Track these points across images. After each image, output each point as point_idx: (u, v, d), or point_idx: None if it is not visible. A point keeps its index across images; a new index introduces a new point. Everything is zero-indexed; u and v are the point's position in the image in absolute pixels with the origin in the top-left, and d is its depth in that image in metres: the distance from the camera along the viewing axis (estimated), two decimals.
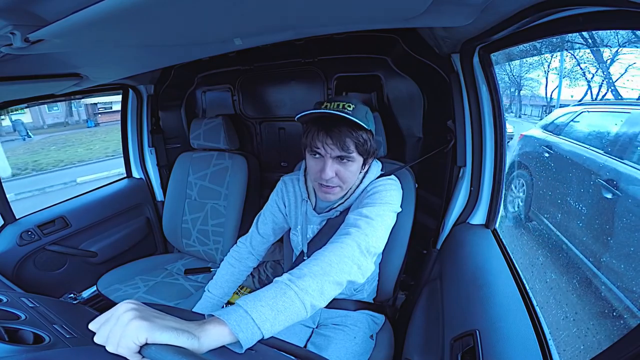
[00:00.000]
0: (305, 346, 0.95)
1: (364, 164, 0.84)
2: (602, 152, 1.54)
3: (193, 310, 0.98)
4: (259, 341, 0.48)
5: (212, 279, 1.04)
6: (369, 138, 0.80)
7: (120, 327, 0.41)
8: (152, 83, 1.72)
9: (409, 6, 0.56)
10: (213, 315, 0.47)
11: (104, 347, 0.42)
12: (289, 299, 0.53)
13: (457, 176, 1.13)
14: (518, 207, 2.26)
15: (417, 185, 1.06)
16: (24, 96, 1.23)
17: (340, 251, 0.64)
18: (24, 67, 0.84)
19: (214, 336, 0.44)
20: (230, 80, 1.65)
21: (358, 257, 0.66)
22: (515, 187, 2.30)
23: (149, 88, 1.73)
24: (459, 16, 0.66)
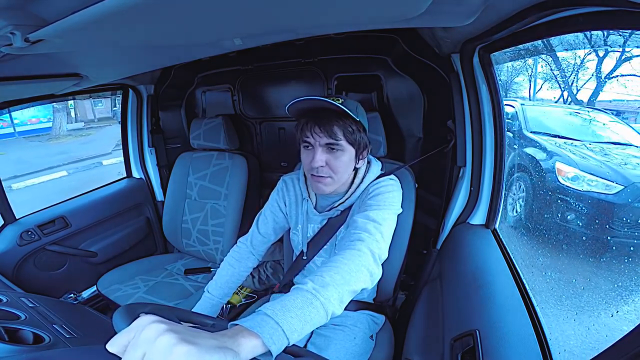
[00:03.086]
0: (305, 346, 0.95)
1: (357, 157, 0.85)
2: None
3: (193, 310, 0.98)
4: None
5: (212, 279, 1.04)
6: (358, 129, 0.82)
7: (161, 353, 0.35)
8: (152, 83, 1.72)
9: (409, 6, 0.56)
10: (237, 325, 0.46)
11: (103, 346, 0.39)
12: (315, 309, 0.53)
13: (457, 176, 1.13)
14: None
15: (417, 185, 1.06)
16: (24, 96, 1.23)
17: (358, 259, 0.65)
18: (24, 67, 0.85)
19: (249, 350, 0.43)
20: (230, 80, 1.65)
21: (372, 265, 0.67)
22: None
23: (149, 88, 1.72)
24: (459, 16, 0.66)
